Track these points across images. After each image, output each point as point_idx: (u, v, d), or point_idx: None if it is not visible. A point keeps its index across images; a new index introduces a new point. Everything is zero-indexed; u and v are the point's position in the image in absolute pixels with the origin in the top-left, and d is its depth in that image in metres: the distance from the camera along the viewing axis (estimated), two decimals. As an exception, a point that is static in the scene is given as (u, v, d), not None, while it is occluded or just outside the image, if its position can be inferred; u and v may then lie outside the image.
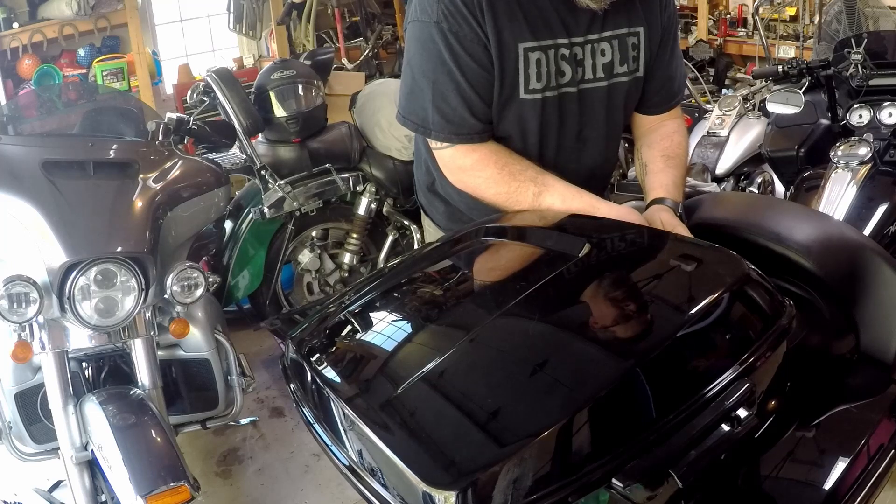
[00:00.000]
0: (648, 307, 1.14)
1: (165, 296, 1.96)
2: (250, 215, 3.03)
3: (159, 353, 2.01)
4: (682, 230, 1.38)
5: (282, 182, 2.96)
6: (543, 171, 1.47)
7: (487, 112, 1.43)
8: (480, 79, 1.39)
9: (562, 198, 1.42)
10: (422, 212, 1.83)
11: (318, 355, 1.19)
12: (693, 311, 1.06)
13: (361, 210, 3.22)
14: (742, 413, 1.01)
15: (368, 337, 1.23)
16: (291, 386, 1.25)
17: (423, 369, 1.02)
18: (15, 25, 3.89)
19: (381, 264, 3.33)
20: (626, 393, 0.97)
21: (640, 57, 1.50)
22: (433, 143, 1.49)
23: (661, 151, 1.60)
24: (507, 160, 1.45)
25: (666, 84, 1.61)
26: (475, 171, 1.46)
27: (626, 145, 3.98)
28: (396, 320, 1.25)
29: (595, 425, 0.92)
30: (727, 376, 1.00)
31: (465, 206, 1.61)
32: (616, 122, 1.57)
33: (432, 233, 1.79)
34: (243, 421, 2.63)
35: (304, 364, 1.18)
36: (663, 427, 0.95)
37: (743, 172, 3.48)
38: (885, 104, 2.57)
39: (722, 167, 3.39)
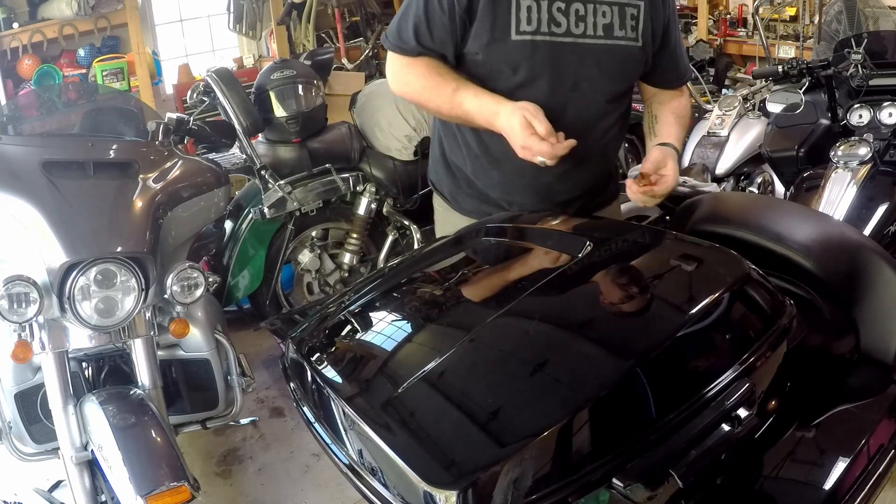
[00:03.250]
0: (649, 307, 1.14)
1: (165, 296, 1.96)
2: (250, 215, 3.02)
3: (159, 353, 2.01)
4: (673, 177, 1.51)
5: (282, 182, 2.96)
6: (468, 81, 1.59)
7: (432, 44, 1.58)
8: (437, 21, 1.55)
9: (475, 93, 1.55)
10: (433, 191, 1.91)
11: (318, 355, 1.19)
12: (694, 311, 1.06)
13: (361, 210, 3.22)
14: (742, 413, 1.01)
15: (368, 337, 1.23)
16: (291, 385, 1.25)
17: (424, 369, 1.02)
18: (15, 25, 3.89)
19: (381, 264, 3.33)
20: (627, 393, 0.97)
21: (640, 28, 1.58)
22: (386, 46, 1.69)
23: (672, 110, 1.71)
24: (437, 68, 1.61)
25: (672, 62, 1.70)
26: (409, 71, 1.64)
27: (626, 145, 3.99)
28: (396, 320, 1.25)
29: (595, 425, 0.92)
30: (727, 376, 1.00)
31: (470, 171, 1.72)
32: (616, 84, 1.63)
33: (441, 212, 1.86)
34: (243, 421, 2.63)
35: (305, 364, 1.18)
36: (664, 427, 0.95)
37: (743, 172, 3.48)
38: (885, 104, 2.57)
39: (722, 167, 3.39)
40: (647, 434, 0.94)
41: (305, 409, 1.20)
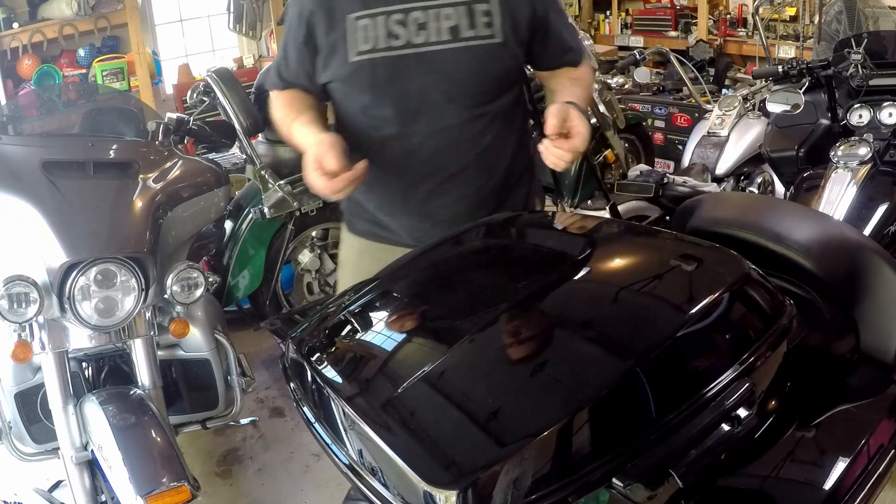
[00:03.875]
0: (649, 307, 1.14)
1: (165, 296, 1.96)
2: (250, 215, 3.02)
3: (159, 353, 2.01)
4: (583, 126, 1.38)
5: (282, 182, 2.96)
6: (313, 109, 1.60)
7: (291, 77, 1.62)
8: (293, 55, 1.58)
9: (300, 126, 1.53)
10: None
11: (318, 355, 1.19)
12: (693, 311, 1.06)
13: (361, 210, 3.21)
14: (742, 413, 1.01)
15: (368, 337, 1.23)
16: (291, 385, 1.25)
17: (424, 369, 1.02)
18: (15, 25, 3.89)
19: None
20: (627, 393, 0.97)
21: (496, 22, 1.50)
22: None
23: (566, 76, 1.64)
24: (294, 100, 1.62)
25: (559, 44, 1.62)
26: (274, 104, 1.67)
27: (626, 145, 3.99)
28: (396, 320, 1.25)
29: (595, 425, 0.92)
30: (727, 376, 1.00)
31: (357, 193, 1.56)
32: (476, 86, 1.53)
33: (343, 232, 1.82)
34: (243, 421, 2.62)
35: (305, 364, 1.18)
36: (664, 427, 0.95)
37: (743, 172, 3.48)
38: (885, 104, 2.57)
39: (722, 167, 3.39)
40: (647, 434, 0.94)
41: (305, 408, 1.20)
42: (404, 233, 1.63)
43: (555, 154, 1.38)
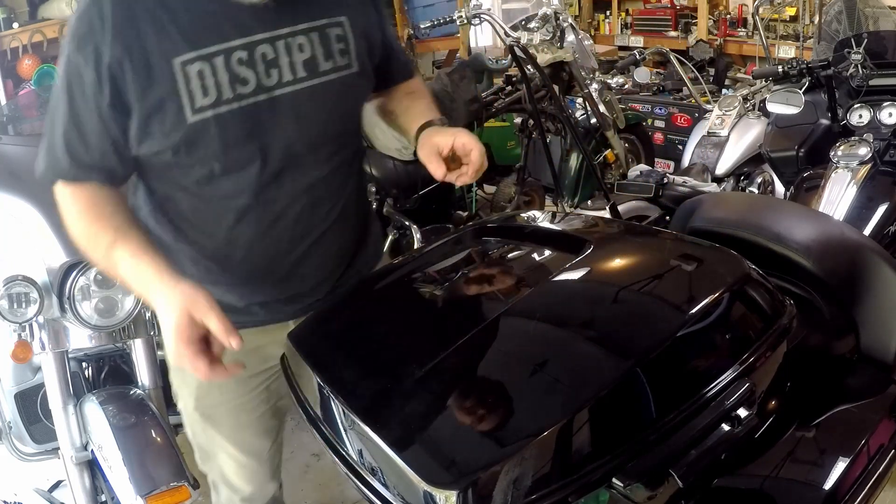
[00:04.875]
0: (649, 307, 1.14)
1: (165, 296, 1.96)
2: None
3: (159, 353, 2.01)
4: (468, 139, 1.24)
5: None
6: (135, 225, 1.21)
7: (90, 159, 1.17)
8: (89, 125, 1.14)
9: (133, 253, 1.15)
10: None
11: (318, 354, 1.19)
12: (694, 311, 1.06)
13: (361, 210, 3.21)
14: (742, 413, 1.01)
15: (368, 336, 1.23)
16: (291, 385, 1.25)
17: (424, 369, 1.02)
18: (15, 25, 3.90)
19: (380, 264, 3.32)
20: (627, 393, 0.97)
21: (351, 49, 1.25)
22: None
23: (402, 92, 1.44)
24: (99, 204, 1.19)
25: (396, 61, 1.42)
26: (69, 207, 1.20)
27: (626, 145, 3.99)
28: (396, 319, 1.25)
29: (595, 425, 0.93)
30: (727, 376, 1.01)
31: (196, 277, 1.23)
32: (337, 126, 1.29)
33: None
34: (243, 421, 2.63)
35: (304, 362, 1.18)
36: (663, 427, 0.95)
37: (743, 172, 3.48)
38: (885, 104, 2.57)
39: (722, 167, 3.39)
40: (648, 434, 0.94)
41: (306, 408, 1.20)
42: (263, 314, 1.36)
43: (459, 180, 1.27)
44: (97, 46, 1.09)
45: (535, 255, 1.35)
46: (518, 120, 3.75)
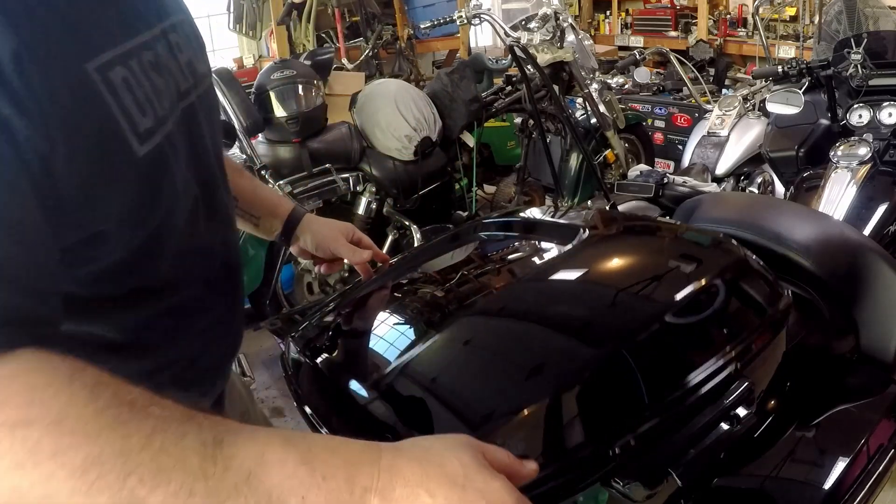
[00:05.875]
0: (637, 290, 1.12)
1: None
2: (250, 215, 3.02)
3: None
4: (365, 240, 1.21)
5: (282, 182, 2.96)
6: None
7: (32, 284, 0.60)
8: (17, 226, 0.59)
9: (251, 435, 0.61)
10: None
11: (319, 354, 1.19)
12: (684, 294, 1.05)
13: (361, 210, 3.22)
14: (741, 412, 1.01)
15: (368, 334, 1.23)
16: (292, 384, 1.25)
17: (417, 360, 1.02)
18: None
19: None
20: (610, 377, 0.96)
21: (206, 53, 0.97)
22: None
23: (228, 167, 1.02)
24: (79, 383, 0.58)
25: None
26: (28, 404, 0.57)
27: (626, 145, 4.00)
28: (395, 317, 1.25)
29: (578, 409, 0.92)
30: (719, 363, 1.00)
31: None
32: (219, 151, 0.97)
33: None
34: (243, 421, 2.63)
35: (306, 363, 1.18)
36: (653, 411, 0.94)
37: (743, 172, 3.48)
38: (885, 104, 2.57)
39: (722, 167, 3.39)
40: (638, 422, 0.93)
41: (307, 408, 1.21)
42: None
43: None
44: None
45: (530, 244, 1.34)
46: (518, 120, 3.75)
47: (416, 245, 3.20)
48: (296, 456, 0.58)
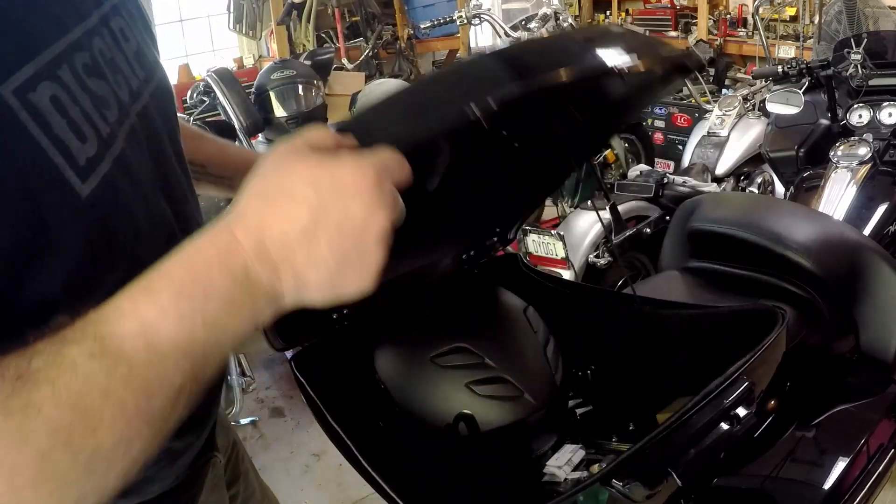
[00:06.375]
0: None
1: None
2: (250, 215, 3.02)
3: None
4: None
5: (282, 182, 2.96)
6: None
7: None
8: None
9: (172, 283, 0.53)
10: None
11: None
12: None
13: (361, 210, 3.22)
14: (742, 412, 1.01)
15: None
16: (303, 388, 1.25)
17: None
18: None
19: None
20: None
21: (154, 31, 0.82)
22: None
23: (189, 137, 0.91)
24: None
25: None
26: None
27: (626, 145, 3.99)
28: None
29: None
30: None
31: None
32: (179, 150, 0.83)
33: None
34: (243, 421, 2.63)
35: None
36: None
37: (743, 172, 3.48)
38: (885, 104, 2.57)
39: (722, 167, 3.39)
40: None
41: (317, 404, 1.19)
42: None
43: None
44: None
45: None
46: (518, 120, 3.75)
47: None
48: (168, 293, 0.51)
